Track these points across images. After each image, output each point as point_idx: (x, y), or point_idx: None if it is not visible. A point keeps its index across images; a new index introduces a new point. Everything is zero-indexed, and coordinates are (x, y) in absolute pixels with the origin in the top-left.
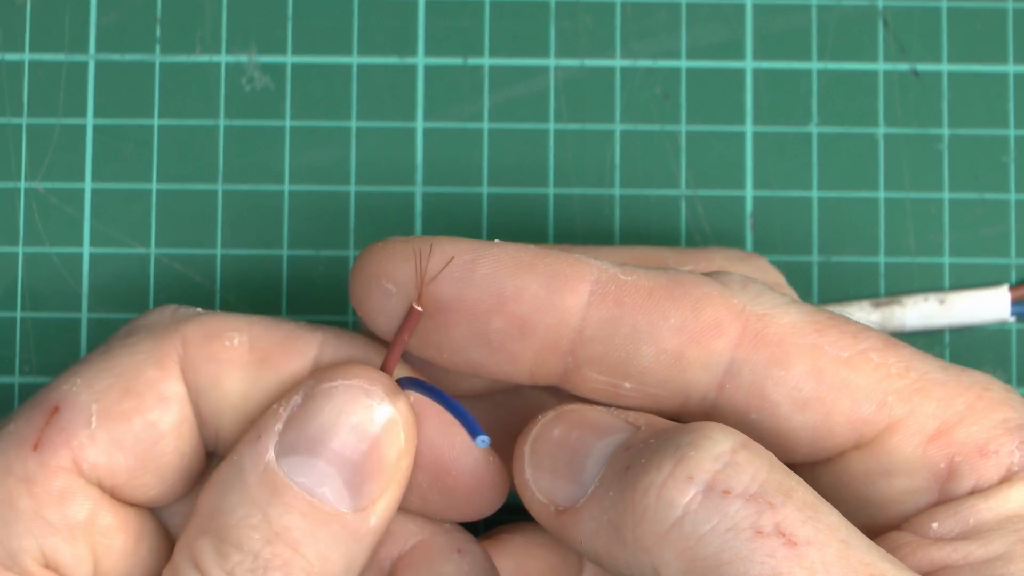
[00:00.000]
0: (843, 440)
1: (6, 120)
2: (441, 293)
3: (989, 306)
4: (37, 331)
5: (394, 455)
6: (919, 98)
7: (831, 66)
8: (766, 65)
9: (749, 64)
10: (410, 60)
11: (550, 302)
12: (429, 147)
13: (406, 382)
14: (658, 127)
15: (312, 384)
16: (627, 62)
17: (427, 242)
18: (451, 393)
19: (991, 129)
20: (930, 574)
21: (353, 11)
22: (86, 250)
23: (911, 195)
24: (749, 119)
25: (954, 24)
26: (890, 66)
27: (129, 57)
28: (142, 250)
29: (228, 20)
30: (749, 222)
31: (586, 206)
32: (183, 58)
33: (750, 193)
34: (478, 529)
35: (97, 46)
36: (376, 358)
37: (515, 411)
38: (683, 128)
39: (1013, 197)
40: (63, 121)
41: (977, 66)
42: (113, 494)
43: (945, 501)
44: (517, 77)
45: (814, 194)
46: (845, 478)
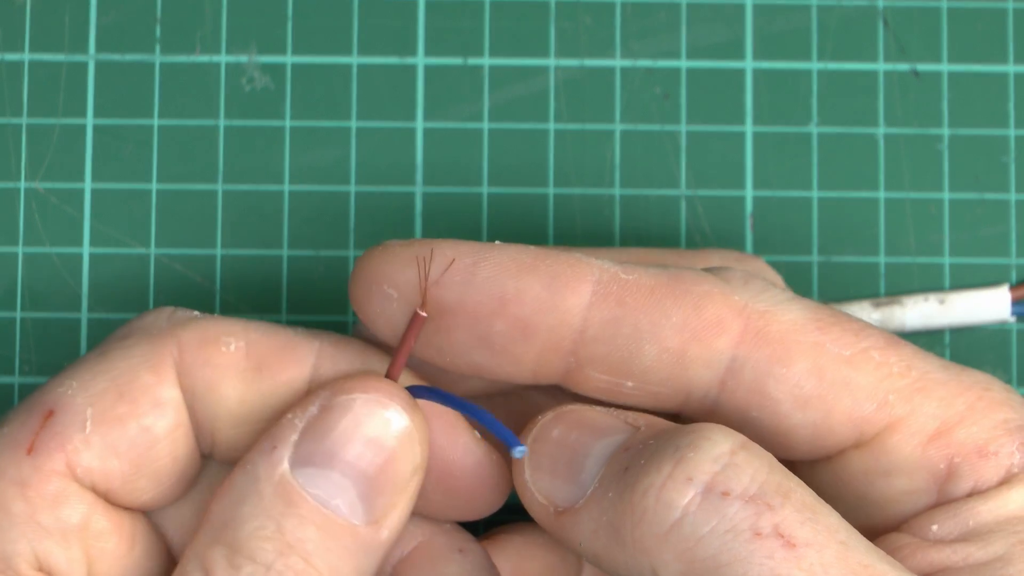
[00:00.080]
0: (843, 438)
1: (6, 120)
2: (442, 297)
3: (989, 306)
4: (37, 331)
5: (409, 470)
6: (919, 98)
7: (831, 66)
8: (766, 65)
9: (749, 64)
10: (410, 60)
11: (552, 303)
12: (429, 147)
13: (424, 391)
14: (658, 127)
15: (329, 396)
16: (627, 62)
17: (427, 246)
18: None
19: (991, 129)
20: (930, 575)
21: (353, 11)
22: (86, 250)
23: (911, 195)
24: (749, 119)
25: (954, 24)
26: (890, 66)
27: (129, 57)
28: (142, 250)
29: (228, 20)
30: (749, 222)
31: (586, 206)
32: (183, 58)
33: (750, 193)
34: (477, 530)
35: (97, 46)
36: (376, 364)
37: (514, 412)
38: (683, 128)
39: (1013, 197)
40: (63, 121)
41: (977, 66)
42: (107, 498)
43: (944, 503)
44: (517, 77)
45: (814, 194)
46: (844, 477)
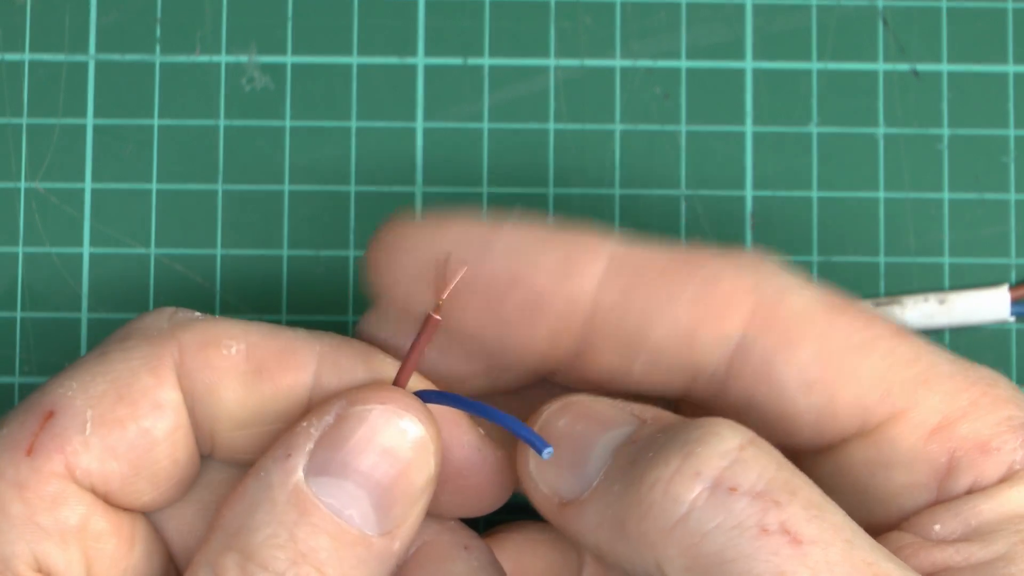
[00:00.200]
0: (847, 426)
1: (6, 120)
2: (453, 276)
3: (989, 306)
4: (37, 331)
5: (423, 481)
6: (919, 98)
7: (831, 66)
8: (766, 65)
9: (749, 64)
10: (410, 60)
11: (565, 278)
12: (429, 147)
13: (436, 396)
14: (658, 127)
15: (345, 405)
16: (627, 62)
17: (442, 225)
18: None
19: (991, 129)
20: (932, 575)
21: (353, 11)
22: (86, 250)
23: (911, 195)
24: (749, 119)
25: (954, 24)
26: (890, 66)
27: (129, 57)
28: (142, 250)
29: (228, 20)
30: (749, 222)
31: (586, 206)
32: (183, 58)
33: (750, 193)
34: (477, 527)
35: (97, 46)
36: (378, 367)
37: (514, 411)
38: (683, 128)
39: (1013, 197)
40: (63, 121)
41: (977, 66)
42: (106, 499)
43: (945, 500)
44: (517, 77)
45: (814, 194)
46: (846, 468)
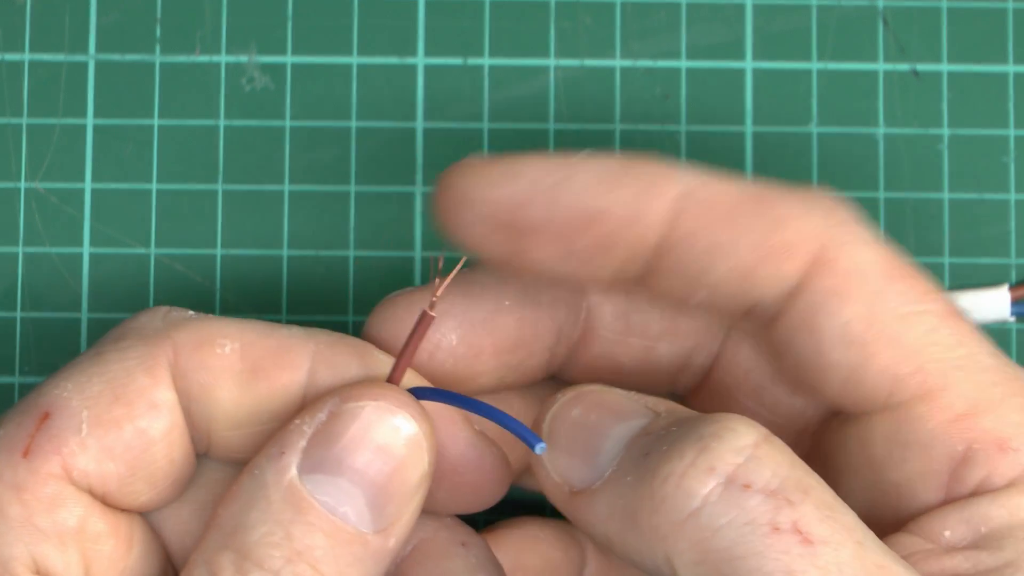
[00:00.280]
0: (874, 392)
1: (6, 120)
2: (529, 217)
3: (989, 306)
4: (37, 331)
5: (417, 477)
6: (919, 98)
7: (831, 66)
8: (766, 65)
9: (749, 64)
10: (410, 60)
11: (636, 218)
12: (429, 147)
13: (430, 392)
14: (658, 127)
15: (338, 402)
16: (627, 62)
17: (510, 164)
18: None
19: (991, 129)
20: None
21: (353, 11)
22: (86, 250)
23: (911, 195)
24: (749, 119)
25: (954, 24)
26: (890, 66)
27: (129, 57)
28: (142, 250)
29: (228, 20)
30: None
31: None
32: (183, 58)
33: None
34: (476, 524)
35: (97, 46)
36: (373, 364)
37: (521, 410)
38: (683, 128)
39: (1013, 197)
40: (63, 121)
41: (977, 66)
42: (103, 500)
43: (953, 500)
44: (517, 77)
45: None
46: (867, 441)
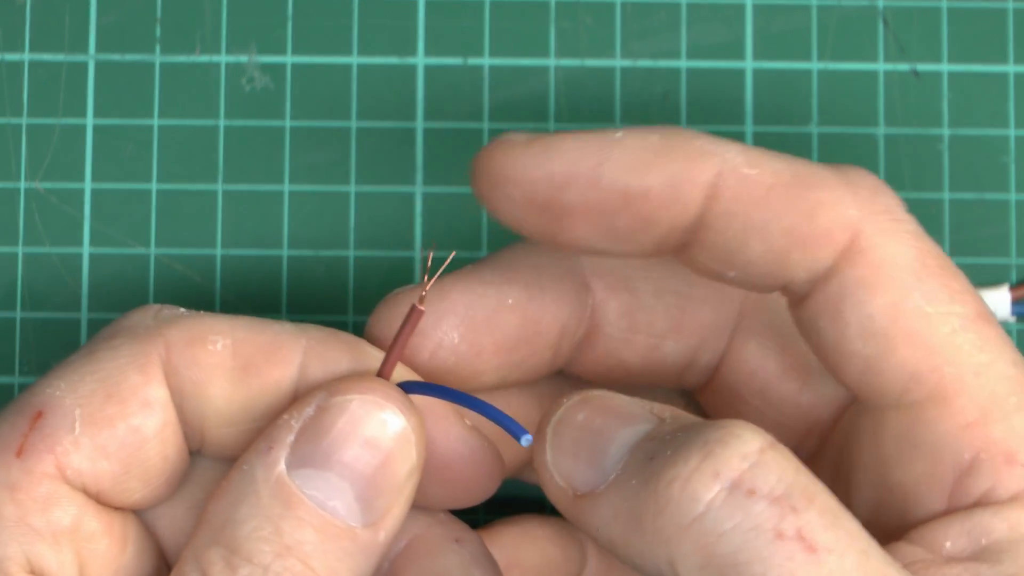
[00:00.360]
0: (889, 387)
1: (6, 120)
2: (566, 198)
3: (989, 306)
4: (37, 331)
5: (406, 471)
6: (919, 98)
7: (831, 66)
8: (766, 65)
9: (749, 64)
10: (410, 60)
11: (674, 197)
12: (429, 147)
13: (419, 386)
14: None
15: (325, 397)
16: (627, 62)
17: (544, 141)
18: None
19: (991, 129)
20: None
21: (353, 11)
22: (86, 250)
23: (911, 195)
24: (749, 119)
25: (954, 24)
26: (890, 66)
27: (129, 57)
28: (142, 250)
29: (228, 20)
30: None
31: None
32: (183, 58)
33: None
34: (476, 523)
35: (97, 46)
36: (365, 358)
37: (516, 406)
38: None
39: (1013, 197)
40: (63, 121)
41: (977, 66)
42: (97, 499)
43: (956, 510)
44: (517, 77)
45: None
46: (880, 438)
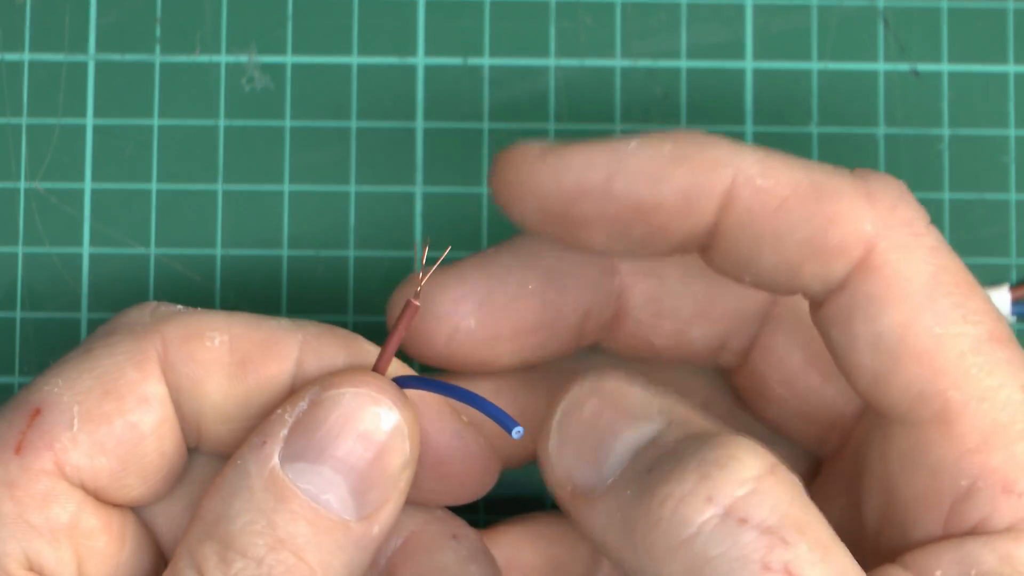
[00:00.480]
0: (895, 403)
1: (6, 120)
2: (581, 210)
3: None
4: (37, 331)
5: (399, 464)
6: (919, 98)
7: (831, 66)
8: (766, 65)
9: (749, 64)
10: (410, 60)
11: (688, 208)
12: (429, 147)
13: (413, 381)
14: (658, 127)
15: (318, 391)
16: (627, 62)
17: (559, 151)
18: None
19: (991, 129)
20: None
21: (353, 11)
22: (86, 250)
23: None
24: (749, 119)
25: (954, 24)
26: (890, 66)
27: (129, 57)
28: (142, 250)
29: (228, 20)
30: None
31: None
32: (183, 58)
33: None
34: (478, 519)
35: (97, 46)
36: (361, 354)
37: (518, 401)
38: (683, 128)
39: (1013, 197)
40: (63, 121)
41: (977, 66)
42: (96, 496)
43: (951, 535)
44: (517, 77)
45: None
46: (886, 452)
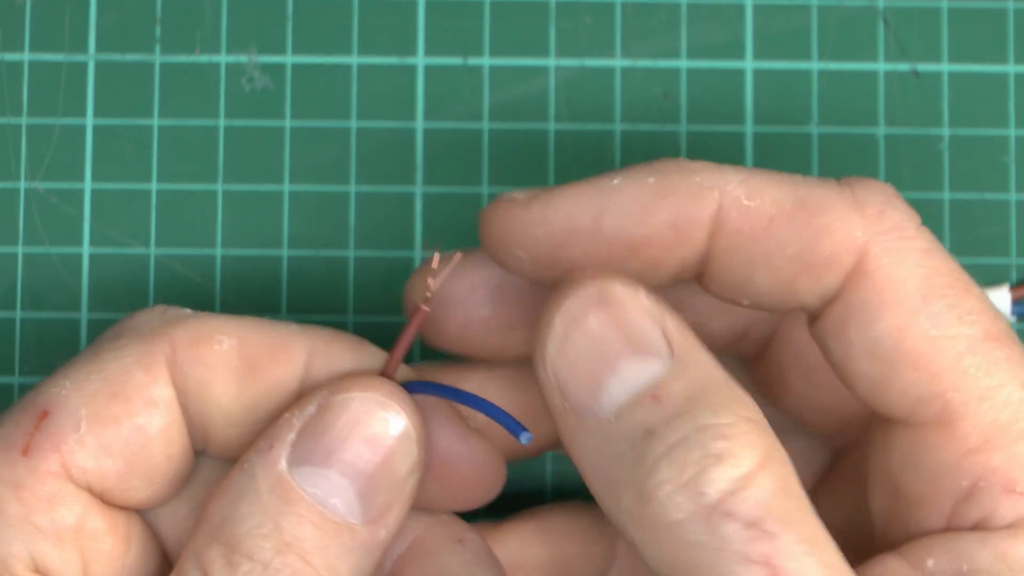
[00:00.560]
0: (895, 408)
1: (6, 120)
2: (570, 254)
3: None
4: (37, 331)
5: (406, 468)
6: (919, 98)
7: (831, 66)
8: (766, 65)
9: (749, 64)
10: (410, 60)
11: (676, 241)
12: (429, 147)
13: (421, 386)
14: (658, 127)
15: (326, 395)
16: (627, 62)
17: (542, 197)
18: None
19: (991, 129)
20: None
21: (353, 11)
22: (86, 250)
23: (911, 195)
24: (749, 119)
25: (954, 24)
26: (890, 66)
27: (129, 57)
28: (142, 250)
29: (228, 20)
30: None
31: None
32: (183, 58)
33: None
34: (479, 515)
35: (97, 46)
36: (370, 359)
37: (517, 402)
38: (683, 128)
39: (1013, 197)
40: (63, 121)
41: (977, 66)
42: (102, 498)
43: (951, 530)
44: (517, 77)
45: None
46: (888, 451)
